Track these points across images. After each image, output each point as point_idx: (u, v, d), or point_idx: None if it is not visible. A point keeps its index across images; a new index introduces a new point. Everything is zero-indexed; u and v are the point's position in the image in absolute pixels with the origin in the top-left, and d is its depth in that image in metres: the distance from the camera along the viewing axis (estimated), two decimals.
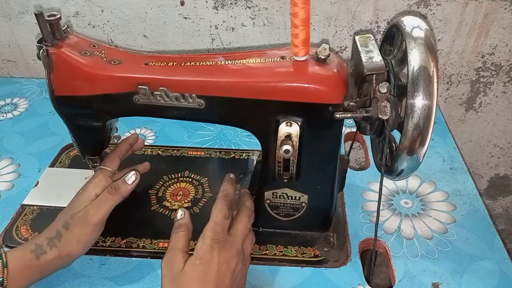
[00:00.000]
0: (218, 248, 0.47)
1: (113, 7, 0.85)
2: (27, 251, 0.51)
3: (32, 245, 0.51)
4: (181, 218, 0.51)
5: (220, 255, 0.47)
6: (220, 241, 0.48)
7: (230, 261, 0.47)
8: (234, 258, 0.48)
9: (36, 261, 0.50)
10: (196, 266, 0.46)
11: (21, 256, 0.51)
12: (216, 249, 0.47)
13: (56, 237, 0.52)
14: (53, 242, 0.52)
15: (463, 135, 1.01)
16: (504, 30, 0.83)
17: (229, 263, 0.47)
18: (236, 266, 0.48)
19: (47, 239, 0.52)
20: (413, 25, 0.45)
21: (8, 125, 0.82)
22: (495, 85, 0.92)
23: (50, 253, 0.51)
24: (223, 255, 0.47)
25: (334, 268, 0.56)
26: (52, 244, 0.51)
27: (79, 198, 0.55)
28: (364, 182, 0.69)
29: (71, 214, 0.53)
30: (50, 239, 0.52)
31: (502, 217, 1.18)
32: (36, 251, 0.51)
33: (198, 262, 0.46)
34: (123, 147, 0.62)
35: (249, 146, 0.76)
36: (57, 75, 0.50)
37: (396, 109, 0.45)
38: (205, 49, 0.90)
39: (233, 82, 0.48)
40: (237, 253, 0.49)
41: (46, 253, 0.51)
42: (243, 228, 0.51)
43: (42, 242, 0.52)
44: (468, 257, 0.57)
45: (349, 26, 0.85)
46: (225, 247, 0.48)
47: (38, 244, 0.51)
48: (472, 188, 0.67)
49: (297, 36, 0.46)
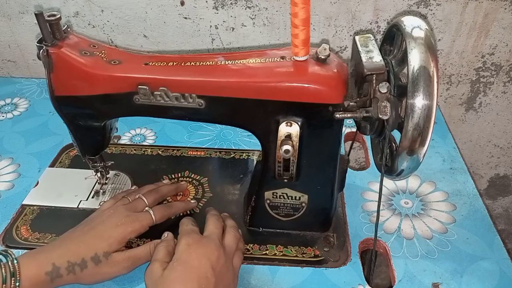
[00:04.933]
0: (194, 245, 0.47)
1: (113, 7, 0.85)
2: (42, 273, 0.47)
3: (49, 265, 0.47)
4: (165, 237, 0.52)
5: (196, 251, 0.47)
6: (194, 238, 0.49)
7: (209, 255, 0.47)
8: (214, 251, 0.48)
9: (50, 284, 0.48)
10: (174, 268, 0.46)
11: (35, 277, 0.47)
12: (193, 246, 0.47)
13: (79, 265, 0.48)
14: (74, 269, 0.48)
15: (463, 135, 1.01)
16: (504, 30, 0.83)
17: (208, 257, 0.47)
18: (218, 260, 0.47)
19: (68, 263, 0.48)
20: (413, 25, 0.45)
21: (8, 125, 0.82)
22: (495, 85, 0.92)
23: (65, 278, 0.48)
24: (200, 250, 0.47)
25: (334, 268, 0.56)
26: (71, 270, 0.48)
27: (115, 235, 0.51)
28: (364, 182, 0.69)
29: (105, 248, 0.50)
30: (72, 265, 0.48)
31: (502, 217, 1.18)
32: (52, 274, 0.47)
33: (176, 264, 0.46)
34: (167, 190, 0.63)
35: (249, 146, 0.76)
36: (57, 75, 0.50)
37: (396, 109, 0.45)
38: (205, 49, 0.90)
39: (233, 82, 0.48)
40: (215, 246, 0.48)
41: (61, 277, 0.48)
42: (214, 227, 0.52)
43: (61, 264, 0.48)
44: (468, 257, 0.57)
45: (349, 26, 0.85)
46: (201, 242, 0.48)
47: (56, 266, 0.48)
48: (472, 188, 0.67)
49: (297, 36, 0.46)
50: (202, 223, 0.53)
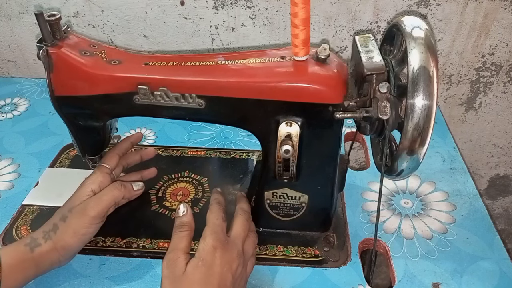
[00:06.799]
0: (220, 249, 0.46)
1: (113, 7, 0.85)
2: (21, 245, 0.50)
3: (27, 238, 0.51)
4: (184, 215, 0.50)
5: (222, 256, 0.46)
6: (221, 241, 0.47)
7: (231, 263, 0.47)
8: (236, 260, 0.47)
9: (31, 254, 0.50)
10: (199, 268, 0.45)
11: (14, 249, 0.50)
12: (218, 250, 0.46)
13: (52, 229, 0.52)
14: (49, 234, 0.51)
15: (463, 135, 1.01)
16: (504, 30, 0.83)
17: (230, 265, 0.46)
18: (237, 268, 0.47)
19: (43, 232, 0.52)
20: (413, 25, 0.45)
21: (8, 125, 0.82)
22: (495, 85, 0.92)
23: (45, 246, 0.51)
24: (225, 256, 0.47)
25: (334, 268, 0.56)
26: (47, 236, 0.51)
27: (76, 193, 0.55)
28: (364, 182, 0.69)
29: (69, 207, 0.54)
30: (46, 232, 0.52)
31: (502, 217, 1.18)
32: (31, 244, 0.50)
33: (201, 264, 0.45)
34: (124, 145, 0.63)
35: (249, 146, 0.76)
36: (57, 75, 0.50)
37: (396, 109, 0.45)
38: (205, 49, 0.90)
39: (233, 82, 0.48)
40: (238, 254, 0.48)
41: (40, 246, 0.50)
42: (241, 230, 0.51)
43: (37, 235, 0.52)
44: (468, 257, 0.57)
45: (349, 26, 0.85)
46: (226, 248, 0.47)
47: (33, 238, 0.51)
48: (472, 188, 0.67)
49: (297, 36, 0.46)
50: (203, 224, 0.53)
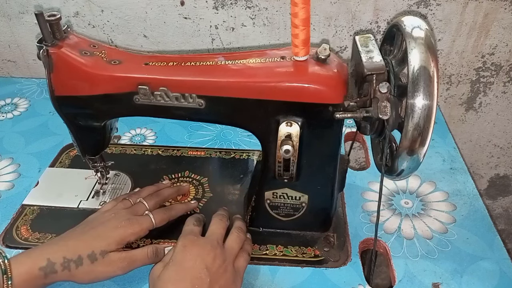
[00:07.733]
0: (189, 246, 0.48)
1: (113, 7, 0.85)
2: (36, 268, 0.47)
3: (43, 260, 0.47)
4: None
5: (191, 251, 0.48)
6: (191, 239, 0.49)
7: (203, 255, 0.48)
8: (209, 252, 0.48)
9: (43, 280, 0.47)
10: (169, 268, 0.47)
11: (27, 272, 0.46)
12: (188, 247, 0.48)
13: (74, 261, 0.48)
14: (69, 265, 0.48)
15: (463, 135, 1.01)
16: (504, 30, 0.83)
17: (202, 258, 0.47)
18: (214, 260, 0.48)
19: (63, 259, 0.48)
20: (413, 25, 0.45)
21: (8, 125, 0.82)
22: (495, 85, 0.92)
23: (60, 274, 0.48)
24: (195, 250, 0.48)
25: (334, 268, 0.56)
26: (66, 266, 0.48)
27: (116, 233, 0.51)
28: (364, 182, 0.69)
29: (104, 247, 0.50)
30: (67, 261, 0.48)
31: (502, 217, 1.18)
32: (46, 270, 0.47)
33: (171, 264, 0.47)
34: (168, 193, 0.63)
35: (249, 146, 0.76)
36: (57, 75, 0.50)
37: (396, 109, 0.45)
38: (205, 49, 0.90)
39: (233, 82, 0.48)
40: (212, 247, 0.49)
41: (56, 273, 0.47)
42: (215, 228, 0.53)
43: (56, 260, 0.47)
44: (468, 257, 0.57)
45: (349, 26, 0.85)
46: (197, 244, 0.49)
47: (50, 262, 0.47)
48: (472, 188, 0.67)
49: (297, 36, 0.46)
50: None
